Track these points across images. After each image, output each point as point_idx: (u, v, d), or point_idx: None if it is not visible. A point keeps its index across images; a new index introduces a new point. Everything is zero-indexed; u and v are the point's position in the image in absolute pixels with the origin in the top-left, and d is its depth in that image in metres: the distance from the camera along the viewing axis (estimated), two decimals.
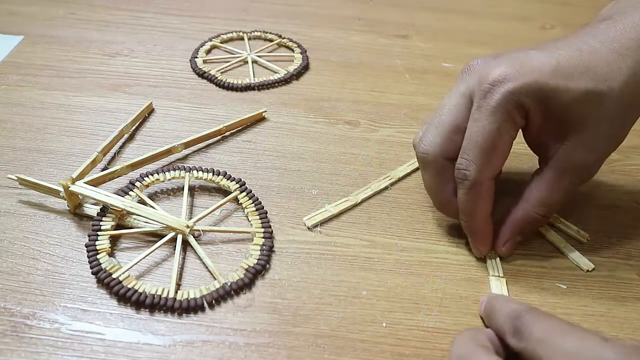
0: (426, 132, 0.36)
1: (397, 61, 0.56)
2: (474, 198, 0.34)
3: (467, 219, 0.35)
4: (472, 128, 0.33)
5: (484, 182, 0.34)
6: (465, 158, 0.33)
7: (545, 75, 0.32)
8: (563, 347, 0.25)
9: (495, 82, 0.32)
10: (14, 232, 0.37)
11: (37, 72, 0.51)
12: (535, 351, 0.26)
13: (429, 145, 0.35)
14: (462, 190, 0.34)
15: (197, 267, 0.36)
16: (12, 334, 0.31)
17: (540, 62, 0.32)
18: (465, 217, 0.35)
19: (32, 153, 0.43)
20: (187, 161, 0.43)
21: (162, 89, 0.50)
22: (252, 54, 0.55)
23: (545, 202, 0.35)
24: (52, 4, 0.61)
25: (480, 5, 0.67)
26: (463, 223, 0.36)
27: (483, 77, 0.33)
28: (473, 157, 0.33)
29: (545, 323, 0.27)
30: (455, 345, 0.28)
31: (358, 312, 0.33)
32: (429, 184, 0.37)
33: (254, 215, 0.38)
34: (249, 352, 0.31)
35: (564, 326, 0.26)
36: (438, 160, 0.35)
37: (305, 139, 0.46)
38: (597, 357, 0.24)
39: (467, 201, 0.35)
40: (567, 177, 0.34)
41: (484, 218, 0.35)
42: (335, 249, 0.37)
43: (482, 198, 0.34)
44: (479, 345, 0.27)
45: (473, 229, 0.36)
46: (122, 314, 0.33)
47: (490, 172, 0.34)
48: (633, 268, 0.37)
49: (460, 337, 0.29)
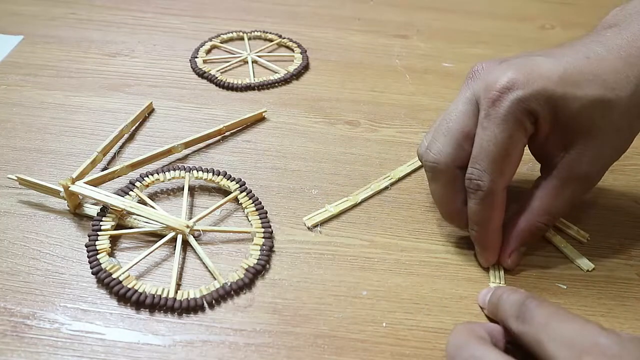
0: (434, 140, 0.35)
1: (397, 61, 0.56)
2: (488, 208, 0.34)
3: (479, 230, 0.35)
4: (483, 137, 0.32)
5: (498, 192, 0.33)
6: (478, 168, 0.33)
7: (554, 82, 0.31)
8: (563, 332, 0.25)
9: (504, 89, 0.31)
10: (14, 232, 0.37)
11: (37, 72, 0.51)
12: (537, 335, 0.26)
13: (439, 154, 0.34)
14: (475, 201, 0.34)
15: (197, 267, 0.36)
16: (12, 334, 0.31)
17: (548, 69, 0.32)
18: (477, 227, 0.35)
19: (32, 153, 0.43)
20: (187, 161, 0.43)
21: (162, 89, 0.50)
22: (252, 54, 0.55)
23: (548, 211, 0.35)
24: (53, 4, 0.61)
25: (480, 5, 0.67)
26: (473, 233, 0.35)
27: (490, 84, 0.32)
28: (486, 167, 0.32)
29: (548, 309, 0.27)
30: (452, 336, 0.29)
31: (358, 312, 0.33)
32: (439, 194, 0.36)
33: (254, 215, 0.38)
34: (249, 352, 0.31)
35: (565, 314, 0.27)
36: (449, 169, 0.34)
37: (305, 139, 0.46)
38: (595, 342, 0.24)
39: (480, 211, 0.34)
40: (570, 186, 0.34)
41: (495, 229, 0.35)
42: (335, 249, 0.37)
43: (495, 208, 0.34)
44: (475, 336, 0.28)
45: (484, 239, 0.35)
46: (122, 314, 0.33)
47: (504, 181, 0.33)
48: (633, 268, 0.37)
49: (457, 328, 0.29)
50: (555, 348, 0.25)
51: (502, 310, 0.30)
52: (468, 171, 0.33)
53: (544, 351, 0.25)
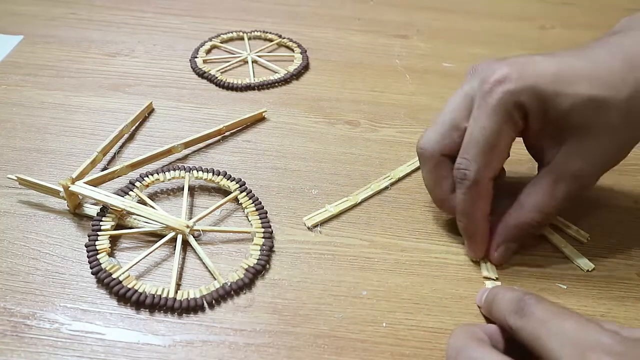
0: (427, 130, 0.36)
1: (397, 61, 0.56)
2: (473, 198, 0.34)
3: (465, 220, 0.36)
4: (473, 127, 0.33)
5: (483, 182, 0.34)
6: (466, 157, 0.34)
7: (547, 79, 0.32)
8: (563, 329, 0.25)
9: (496, 82, 0.32)
10: (14, 232, 0.37)
11: (37, 72, 0.51)
12: (535, 330, 0.26)
13: (426, 141, 0.36)
14: (461, 190, 0.34)
15: (197, 267, 0.36)
16: (12, 334, 0.31)
17: (542, 67, 0.32)
18: (463, 217, 0.36)
19: (32, 153, 0.43)
20: (187, 161, 0.43)
21: (162, 89, 0.50)
22: (252, 54, 0.55)
23: (539, 208, 0.35)
24: (53, 3, 0.61)
25: (480, 5, 0.67)
26: (460, 224, 0.36)
27: (485, 79, 0.33)
28: (473, 157, 0.33)
29: (548, 306, 0.27)
30: (452, 338, 0.29)
31: (358, 312, 0.33)
32: (426, 180, 0.37)
33: (254, 215, 0.38)
34: (249, 352, 0.31)
35: (565, 311, 0.27)
36: (435, 156, 0.36)
37: (305, 139, 0.46)
38: (595, 340, 0.24)
39: (465, 201, 0.35)
40: (562, 184, 0.34)
41: (481, 219, 0.35)
42: (335, 249, 0.37)
43: (481, 198, 0.34)
44: (474, 337, 0.28)
45: (470, 230, 0.36)
46: (122, 314, 0.33)
47: (490, 172, 0.34)
48: (633, 268, 0.37)
49: (456, 331, 0.29)
50: (556, 344, 0.25)
51: (499, 307, 0.30)
52: (457, 161, 0.34)
53: (543, 347, 0.25)
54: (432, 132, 0.36)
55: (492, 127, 0.32)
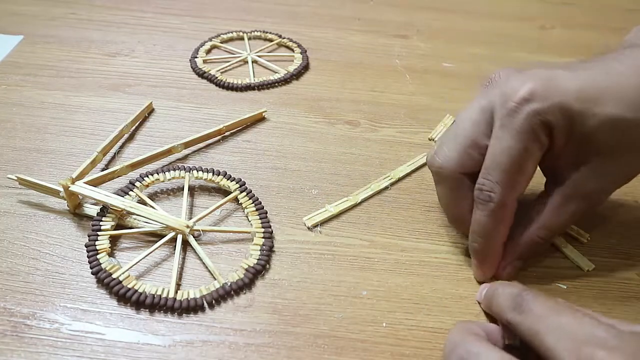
0: (441, 145, 0.34)
1: (397, 61, 0.56)
2: (496, 221, 0.33)
3: (482, 241, 0.34)
4: (496, 147, 0.32)
5: (508, 205, 0.33)
6: (490, 179, 0.32)
7: (572, 96, 0.30)
8: (560, 324, 0.25)
9: (522, 100, 0.31)
10: (14, 232, 0.37)
11: (37, 72, 0.51)
12: (534, 325, 0.26)
13: (444, 160, 0.34)
14: (484, 212, 0.33)
15: (197, 267, 0.36)
16: (12, 334, 0.31)
17: (566, 83, 0.31)
18: (481, 239, 0.34)
19: (32, 153, 0.43)
20: (187, 161, 0.43)
21: (162, 89, 0.50)
22: (252, 54, 0.55)
23: (549, 227, 0.34)
24: (53, 3, 0.62)
25: (480, 5, 0.67)
26: (474, 246, 0.34)
27: (508, 95, 0.31)
28: (498, 179, 0.32)
29: (545, 302, 0.27)
30: (449, 334, 0.29)
31: (358, 312, 0.33)
32: (443, 199, 0.36)
33: (254, 215, 0.38)
34: (249, 352, 0.31)
35: (562, 306, 0.27)
36: (454, 175, 0.34)
37: (305, 139, 0.46)
38: (590, 334, 0.24)
39: (488, 223, 0.33)
40: (574, 203, 0.33)
41: (499, 242, 0.34)
42: (335, 249, 0.37)
43: (503, 222, 0.33)
44: (470, 332, 0.28)
45: (484, 252, 0.34)
46: (122, 314, 0.33)
47: (515, 194, 0.32)
48: (633, 268, 0.37)
49: (454, 327, 0.29)
50: (553, 340, 0.25)
51: (498, 303, 0.30)
52: (479, 181, 0.33)
53: (541, 342, 0.26)
54: (449, 150, 0.34)
55: (518, 147, 0.31)
